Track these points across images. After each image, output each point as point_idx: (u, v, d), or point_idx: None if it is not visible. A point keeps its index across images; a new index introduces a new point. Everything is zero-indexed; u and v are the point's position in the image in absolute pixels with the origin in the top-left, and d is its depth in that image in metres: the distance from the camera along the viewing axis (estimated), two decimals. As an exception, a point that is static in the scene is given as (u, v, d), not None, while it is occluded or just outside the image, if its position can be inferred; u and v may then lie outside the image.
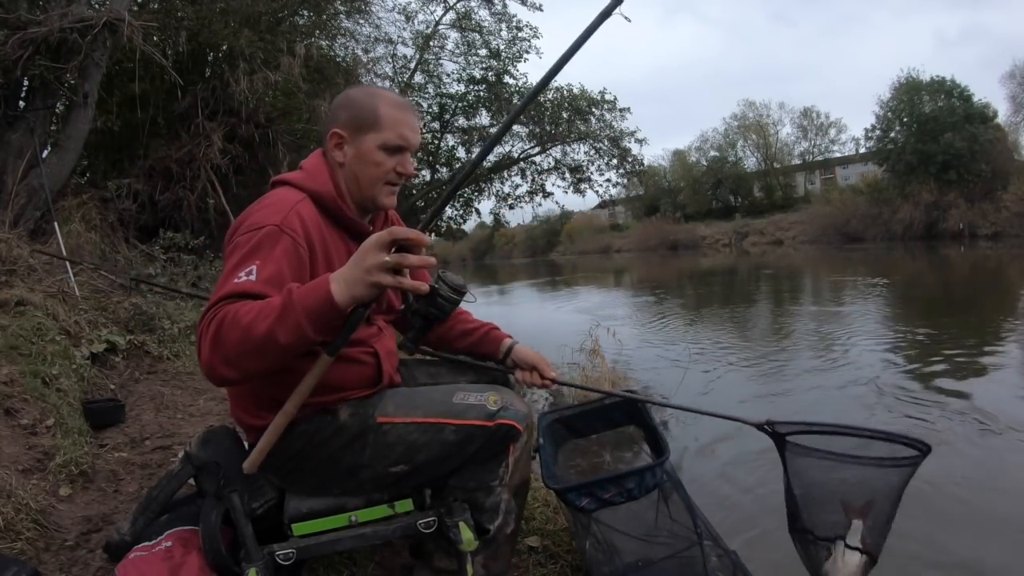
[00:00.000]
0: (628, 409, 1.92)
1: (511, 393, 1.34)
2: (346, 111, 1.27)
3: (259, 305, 1.01)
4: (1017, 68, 29.21)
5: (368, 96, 1.27)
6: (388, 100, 1.27)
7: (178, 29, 6.26)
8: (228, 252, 1.14)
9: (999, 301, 9.48)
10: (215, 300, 1.04)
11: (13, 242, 4.20)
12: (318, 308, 0.98)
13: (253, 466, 1.16)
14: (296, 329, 0.98)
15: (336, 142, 1.27)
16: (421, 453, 1.26)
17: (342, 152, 1.27)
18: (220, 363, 1.01)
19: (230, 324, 1.00)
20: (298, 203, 1.19)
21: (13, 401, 2.40)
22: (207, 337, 1.01)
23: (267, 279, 1.06)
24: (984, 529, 2.48)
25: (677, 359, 5.79)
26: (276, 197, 1.22)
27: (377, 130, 1.25)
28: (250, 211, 1.20)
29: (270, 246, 1.10)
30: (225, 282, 1.07)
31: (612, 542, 1.78)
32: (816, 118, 44.70)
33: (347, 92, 1.32)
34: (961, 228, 25.94)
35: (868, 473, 1.41)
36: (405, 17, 13.79)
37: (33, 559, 1.67)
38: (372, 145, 1.25)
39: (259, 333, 0.98)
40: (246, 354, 1.00)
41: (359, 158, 1.26)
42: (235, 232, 1.16)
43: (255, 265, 1.07)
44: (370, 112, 1.25)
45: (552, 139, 15.38)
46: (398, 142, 1.26)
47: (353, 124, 1.26)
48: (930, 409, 3.96)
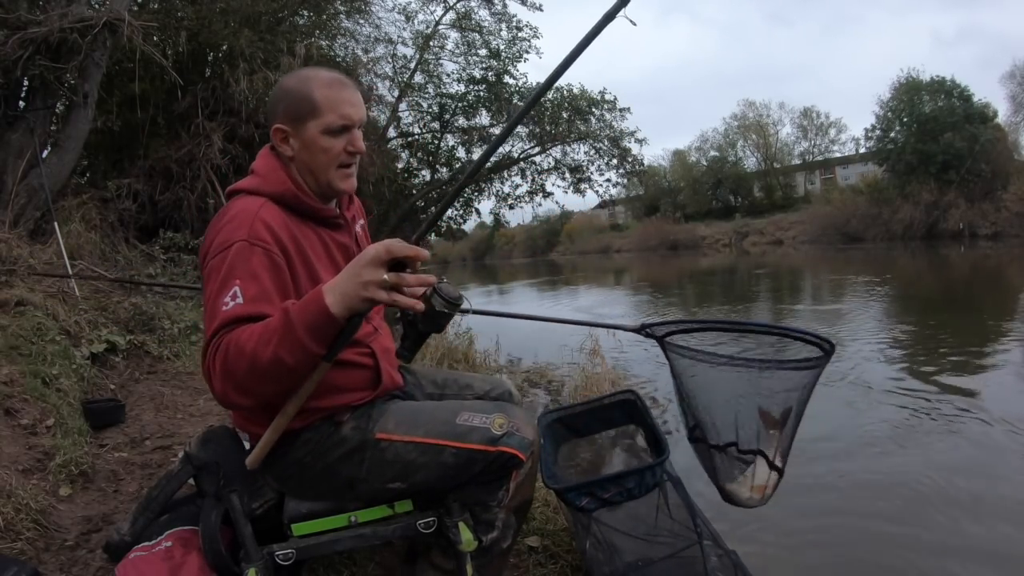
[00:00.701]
0: (628, 409, 1.92)
1: (522, 416, 1.29)
2: (282, 103, 1.22)
3: (258, 329, 1.02)
4: (1017, 68, 29.20)
5: (301, 82, 1.22)
6: (321, 81, 1.22)
7: (178, 29, 6.26)
8: (205, 276, 1.13)
9: (999, 301, 9.47)
10: (212, 332, 1.05)
11: (13, 242, 4.20)
12: (316, 323, 1.00)
13: (254, 463, 1.17)
14: (300, 348, 1.00)
15: (280, 137, 1.23)
16: (419, 473, 1.24)
17: (288, 146, 1.23)
18: (234, 393, 1.03)
19: (235, 354, 1.01)
20: (260, 209, 1.16)
21: (13, 401, 2.40)
22: (216, 371, 1.03)
23: (253, 298, 1.07)
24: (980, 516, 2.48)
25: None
26: (236, 209, 1.18)
27: (316, 116, 1.20)
28: (215, 229, 1.17)
29: (244, 263, 1.09)
30: (213, 311, 1.07)
31: (612, 541, 1.78)
32: (816, 118, 44.70)
33: (280, 83, 1.27)
34: (961, 228, 25.93)
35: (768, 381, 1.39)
36: (405, 17, 13.79)
37: (33, 559, 1.67)
38: (315, 132, 1.21)
39: (266, 359, 0.99)
40: (257, 380, 1.02)
41: (306, 148, 1.22)
42: (207, 255, 1.15)
43: (236, 287, 1.07)
44: (305, 99, 1.20)
45: (552, 139, 15.36)
46: (341, 122, 1.22)
47: (291, 115, 1.21)
48: (929, 408, 3.96)
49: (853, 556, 2.35)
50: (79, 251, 4.88)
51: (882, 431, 3.65)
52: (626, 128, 15.77)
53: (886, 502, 2.74)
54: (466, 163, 15.13)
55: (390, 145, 13.17)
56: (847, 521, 2.60)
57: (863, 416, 3.91)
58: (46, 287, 3.89)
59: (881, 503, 2.73)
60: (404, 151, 14.66)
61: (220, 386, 1.03)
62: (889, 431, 3.64)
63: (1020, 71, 28.96)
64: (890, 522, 2.56)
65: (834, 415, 4.01)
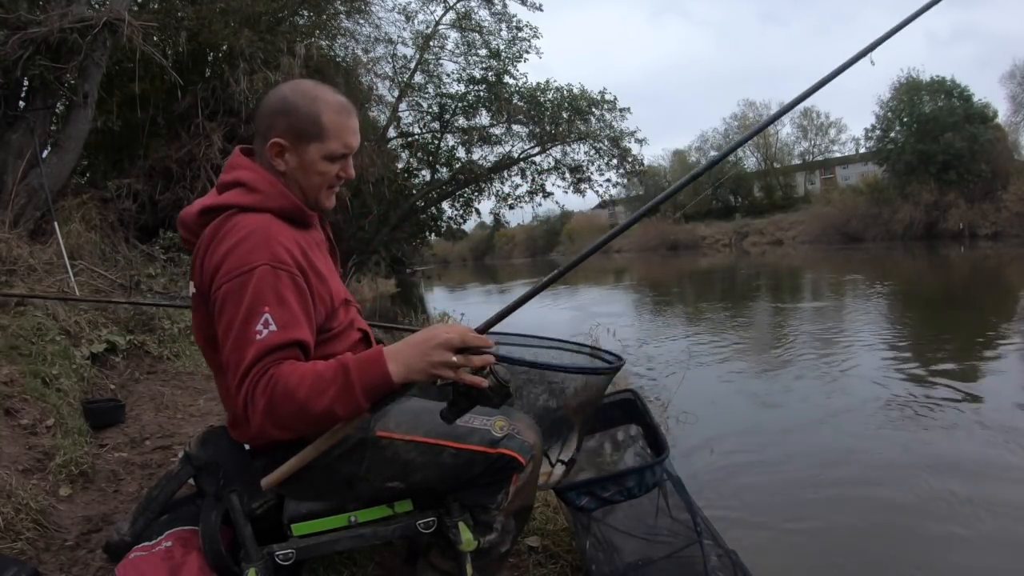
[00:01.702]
0: (628, 408, 1.92)
1: (524, 420, 1.28)
2: (285, 118, 1.19)
3: (309, 377, 1.04)
4: (1017, 68, 29.21)
5: (309, 102, 1.19)
6: (330, 106, 1.20)
7: (178, 29, 6.25)
8: (219, 301, 1.10)
9: (999, 302, 9.48)
10: (249, 363, 1.04)
11: (13, 242, 4.20)
12: (376, 387, 1.06)
13: (271, 484, 1.18)
14: (355, 405, 1.05)
15: (276, 151, 1.20)
16: (417, 473, 1.24)
17: (283, 160, 1.21)
18: (274, 428, 1.06)
19: (283, 398, 1.03)
20: (270, 229, 1.14)
21: (13, 401, 2.40)
22: (257, 406, 1.04)
23: (285, 324, 1.08)
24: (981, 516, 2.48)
25: (677, 358, 5.78)
26: (244, 227, 1.14)
27: (321, 140, 1.20)
28: (223, 247, 1.13)
29: (271, 288, 1.09)
30: (244, 338, 1.06)
31: (612, 541, 1.78)
32: (816, 118, 44.71)
33: (284, 95, 1.22)
34: (961, 228, 25.93)
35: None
36: (405, 17, 13.79)
37: (33, 559, 1.67)
38: (316, 155, 1.20)
39: (319, 409, 1.03)
40: (303, 424, 1.07)
41: (302, 168, 1.21)
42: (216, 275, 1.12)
43: (267, 314, 1.07)
44: (313, 121, 1.19)
45: (552, 139, 15.37)
46: (343, 151, 1.22)
47: (295, 133, 1.19)
48: (929, 408, 3.96)
49: (853, 556, 2.35)
50: (79, 251, 4.88)
51: (882, 432, 3.65)
52: (626, 128, 15.78)
53: (886, 502, 2.74)
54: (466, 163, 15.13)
55: (390, 145, 13.18)
56: (847, 521, 2.60)
57: (863, 417, 3.92)
58: (46, 287, 3.90)
59: (881, 503, 2.73)
60: (404, 151, 14.67)
61: (260, 421, 1.04)
62: (889, 432, 3.64)
63: (1020, 71, 29.00)
64: (890, 522, 2.56)
65: (834, 416, 4.02)
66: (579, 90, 14.98)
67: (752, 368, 5.61)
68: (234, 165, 1.26)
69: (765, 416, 4.19)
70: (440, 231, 16.87)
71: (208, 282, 1.14)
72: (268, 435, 1.08)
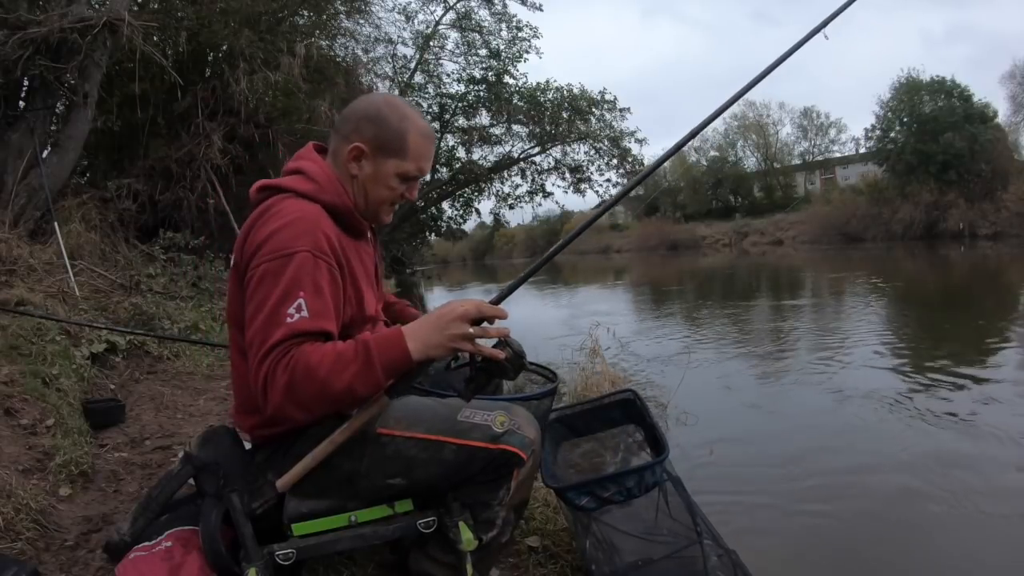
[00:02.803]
0: (628, 408, 1.92)
1: (524, 415, 1.28)
2: (373, 127, 1.23)
3: (331, 356, 1.06)
4: (1017, 68, 29.23)
5: (400, 119, 1.24)
6: (418, 129, 1.25)
7: (178, 29, 6.26)
8: (256, 277, 1.12)
9: (999, 302, 9.48)
10: (275, 342, 1.06)
11: (13, 242, 4.20)
12: (396, 365, 1.08)
13: (286, 486, 1.20)
14: (375, 384, 1.08)
15: (355, 155, 1.24)
16: (419, 469, 1.24)
17: (358, 166, 1.24)
18: (292, 408, 1.07)
19: (304, 375, 1.04)
20: (319, 219, 1.17)
21: (13, 401, 2.40)
22: (277, 385, 1.05)
23: (318, 313, 1.10)
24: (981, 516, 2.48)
25: (677, 358, 5.79)
26: (295, 212, 1.17)
27: (401, 157, 1.24)
28: (269, 227, 1.15)
29: (310, 276, 1.11)
30: (275, 318, 1.07)
31: (612, 541, 1.78)
32: (816, 118, 44.75)
33: (376, 105, 1.27)
34: (961, 228, 25.95)
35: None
36: (405, 17, 13.85)
37: (33, 559, 1.67)
38: (391, 171, 1.24)
39: (339, 388, 1.05)
40: (322, 404, 1.08)
41: (375, 178, 1.25)
42: (257, 253, 1.14)
43: (302, 299, 1.08)
44: (399, 138, 1.23)
45: (552, 139, 15.39)
46: (416, 174, 1.27)
47: (378, 143, 1.23)
48: (929, 409, 3.96)
49: (853, 556, 2.35)
50: (79, 251, 4.89)
51: (883, 432, 3.66)
52: (626, 128, 15.81)
53: (886, 502, 2.74)
54: (466, 163, 15.14)
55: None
56: (848, 520, 2.60)
57: (863, 417, 3.92)
58: (46, 287, 3.90)
59: (881, 503, 2.73)
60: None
61: (279, 399, 1.05)
62: (890, 432, 3.64)
63: (1020, 71, 29.01)
64: (890, 522, 2.56)
65: (834, 417, 4.02)
66: (579, 90, 15.03)
67: (752, 368, 5.61)
68: (301, 155, 1.30)
69: (765, 416, 4.19)
70: (440, 231, 16.91)
71: (248, 258, 1.16)
72: (284, 415, 1.08)
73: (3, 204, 4.66)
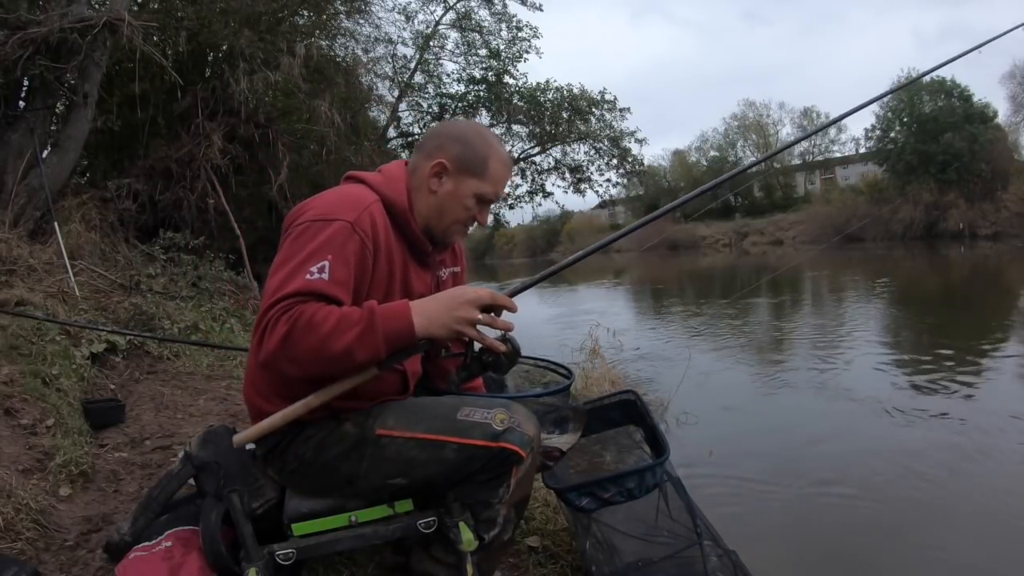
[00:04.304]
0: (628, 409, 1.92)
1: (523, 412, 1.28)
2: (459, 146, 1.28)
3: (335, 316, 1.06)
4: (1017, 68, 29.19)
5: (484, 144, 1.29)
6: (499, 157, 1.30)
7: (178, 29, 6.25)
8: (293, 235, 1.15)
9: (999, 302, 9.48)
10: (289, 293, 1.07)
11: (13, 242, 4.20)
12: (398, 336, 1.09)
13: (241, 442, 1.20)
14: (374, 351, 1.08)
15: (437, 171, 1.27)
16: (420, 469, 1.24)
17: (439, 181, 1.28)
18: (286, 361, 1.07)
19: (304, 328, 1.05)
20: (372, 203, 1.21)
21: (13, 401, 2.40)
22: (276, 333, 1.05)
23: (338, 281, 1.11)
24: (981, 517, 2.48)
25: (677, 358, 5.78)
26: (351, 192, 1.24)
27: (481, 179, 1.28)
28: (321, 198, 1.21)
29: (342, 244, 1.13)
30: (295, 272, 1.09)
31: (612, 542, 1.78)
32: (816, 118, 44.63)
33: (464, 129, 1.35)
34: (961, 228, 25.94)
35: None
36: (405, 17, 13.80)
37: (33, 559, 1.67)
38: (470, 191, 1.28)
39: (338, 348, 1.05)
40: (317, 361, 1.07)
41: (453, 196, 1.28)
42: (301, 216, 1.18)
43: (327, 262, 1.10)
44: (482, 160, 1.28)
45: (552, 139, 15.37)
46: (492, 198, 1.31)
47: (461, 162, 1.27)
48: (929, 410, 3.96)
49: (853, 556, 2.35)
50: (79, 251, 4.88)
51: (883, 432, 3.66)
52: (626, 128, 15.78)
53: (886, 502, 2.74)
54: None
55: (390, 145, 13.16)
56: (848, 521, 2.60)
57: (864, 417, 3.92)
58: (46, 287, 3.90)
59: (881, 503, 2.73)
60: (404, 151, 14.66)
61: (273, 348, 1.05)
62: (890, 432, 3.65)
63: (1020, 71, 28.98)
64: (890, 522, 2.56)
65: (834, 417, 4.02)
66: (579, 90, 14.98)
67: (753, 369, 5.61)
68: (394, 162, 1.36)
69: (765, 417, 4.19)
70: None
71: (293, 219, 1.20)
72: (276, 365, 1.09)
73: (3, 204, 4.66)
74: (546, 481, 1.72)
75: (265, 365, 1.11)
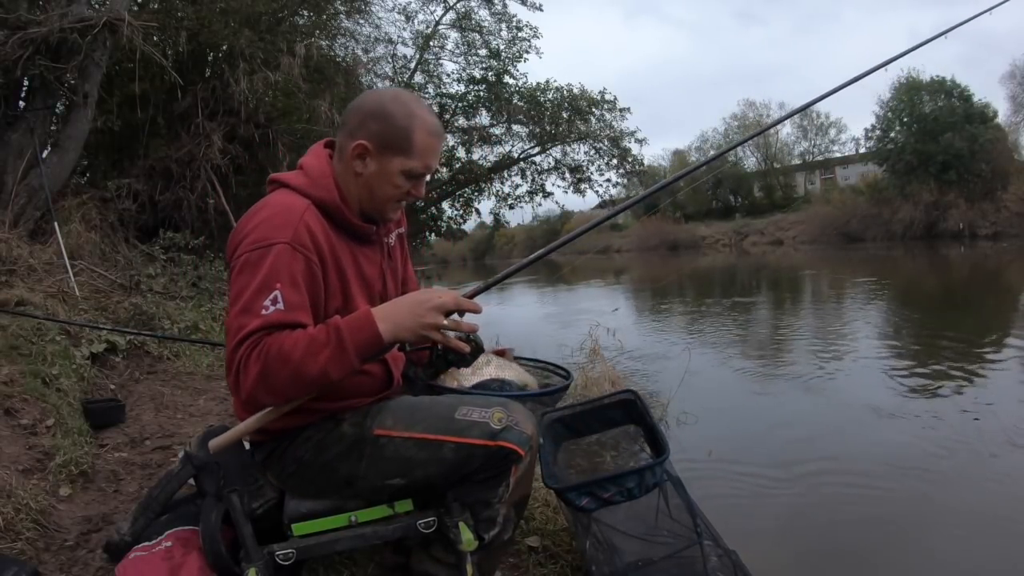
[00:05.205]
0: (628, 409, 1.92)
1: (521, 411, 1.28)
2: (379, 124, 1.20)
3: (303, 341, 1.07)
4: (1017, 68, 29.19)
5: (406, 116, 1.21)
6: (425, 126, 1.22)
7: (178, 29, 6.25)
8: (237, 267, 1.13)
9: (999, 302, 9.48)
10: (250, 331, 1.07)
11: (13, 242, 4.20)
12: (367, 347, 1.10)
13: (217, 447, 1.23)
14: (348, 365, 1.09)
15: (360, 152, 1.21)
16: (418, 469, 1.24)
17: (363, 163, 1.22)
18: (266, 395, 1.09)
19: (277, 361, 1.05)
20: (304, 212, 1.17)
21: (13, 401, 2.40)
22: (251, 372, 1.06)
23: (293, 305, 1.10)
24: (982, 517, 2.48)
25: (677, 358, 5.78)
26: (280, 204, 1.18)
27: (407, 155, 1.21)
28: (255, 219, 1.17)
29: (287, 267, 1.11)
30: (250, 309, 1.08)
31: (612, 542, 1.78)
32: (816, 118, 44.64)
33: (382, 101, 1.23)
34: (961, 228, 25.92)
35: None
36: (405, 17, 13.84)
37: (33, 559, 1.67)
38: (397, 168, 1.22)
39: (313, 372, 1.06)
40: (296, 388, 1.09)
41: (380, 176, 1.23)
42: (241, 243, 1.15)
43: (278, 291, 1.09)
44: (405, 135, 1.20)
45: (552, 139, 15.38)
46: (423, 171, 1.24)
47: (383, 141, 1.21)
48: (929, 411, 3.96)
49: (853, 556, 2.35)
50: (79, 251, 4.88)
51: (883, 432, 3.65)
52: (626, 128, 15.79)
53: (887, 502, 2.74)
54: (466, 163, 15.15)
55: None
56: (848, 520, 2.60)
57: (864, 417, 3.91)
58: (46, 287, 3.90)
59: (882, 503, 2.73)
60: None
61: (251, 387, 1.06)
62: (890, 432, 3.64)
63: (1020, 71, 28.97)
64: (891, 522, 2.56)
65: (834, 417, 4.02)
66: (579, 90, 15.01)
67: (752, 368, 5.61)
68: (309, 151, 1.31)
69: (765, 416, 4.19)
70: (440, 231, 16.88)
71: (234, 247, 1.17)
72: (257, 401, 1.11)
73: (3, 204, 4.66)
74: (546, 481, 1.72)
75: (248, 403, 1.12)
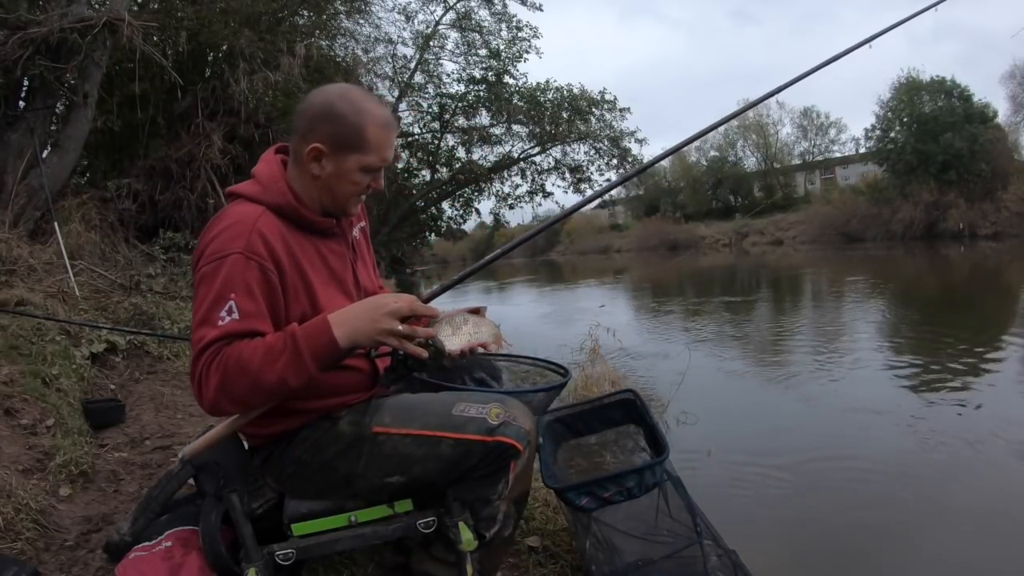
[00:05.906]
0: (628, 409, 1.92)
1: (518, 407, 1.28)
2: (330, 125, 1.19)
3: (261, 350, 1.08)
4: (1017, 68, 29.16)
5: (356, 113, 1.19)
6: (376, 120, 1.20)
7: (178, 29, 6.25)
8: (197, 280, 1.15)
9: (999, 302, 9.48)
10: (208, 341, 1.09)
11: (13, 242, 4.20)
12: (323, 353, 1.10)
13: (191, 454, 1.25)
14: (305, 372, 1.10)
15: (314, 155, 1.20)
16: (417, 466, 1.24)
17: (319, 166, 1.21)
18: (228, 404, 1.11)
19: (235, 370, 1.07)
20: (257, 220, 1.17)
21: (13, 401, 2.40)
22: (212, 382, 1.08)
23: (248, 314, 1.11)
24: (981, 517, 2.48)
25: (677, 358, 5.78)
26: (234, 216, 1.18)
27: (362, 152, 1.20)
28: (211, 233, 1.18)
29: (240, 277, 1.11)
30: (207, 320, 1.10)
31: (612, 541, 1.78)
32: (816, 118, 44.64)
33: (330, 100, 1.21)
34: (961, 228, 25.90)
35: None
36: (405, 17, 13.84)
37: (33, 559, 1.67)
38: (354, 166, 1.21)
39: (271, 379, 1.08)
40: (256, 396, 1.11)
41: (338, 176, 1.21)
42: (200, 258, 1.16)
43: (232, 301, 1.10)
44: (356, 133, 1.19)
45: (552, 139, 15.37)
46: (380, 164, 1.24)
47: (335, 141, 1.19)
48: (929, 411, 3.96)
49: (853, 556, 2.35)
50: (79, 251, 4.88)
51: (883, 431, 3.66)
52: (626, 128, 15.78)
53: (887, 503, 2.74)
54: (466, 163, 15.15)
55: (390, 145, 13.17)
56: (848, 520, 2.60)
57: (863, 417, 3.92)
58: (46, 287, 3.90)
59: (882, 504, 2.73)
60: (404, 151, 14.67)
61: (213, 396, 1.08)
62: (890, 431, 3.65)
63: (1020, 71, 28.95)
64: (891, 522, 2.56)
65: (834, 417, 4.02)
66: (579, 90, 15.00)
67: (752, 368, 5.62)
68: (261, 158, 1.30)
69: (765, 416, 4.19)
70: (440, 231, 16.88)
71: (195, 262, 1.19)
72: (222, 411, 1.14)
73: (3, 204, 4.65)
74: (546, 481, 1.72)
75: (212, 412, 1.14)
